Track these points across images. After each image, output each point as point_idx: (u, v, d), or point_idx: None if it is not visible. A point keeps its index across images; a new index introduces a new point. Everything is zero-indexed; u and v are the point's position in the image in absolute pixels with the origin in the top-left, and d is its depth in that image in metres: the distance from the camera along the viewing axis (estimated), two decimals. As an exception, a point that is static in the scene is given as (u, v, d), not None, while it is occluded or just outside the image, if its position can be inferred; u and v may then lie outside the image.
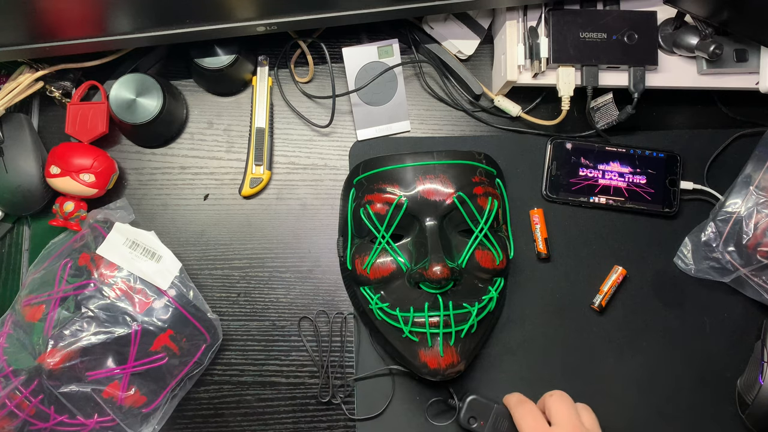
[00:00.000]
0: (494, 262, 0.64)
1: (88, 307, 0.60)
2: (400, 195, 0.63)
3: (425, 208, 0.63)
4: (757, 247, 0.66)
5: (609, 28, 0.67)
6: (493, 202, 0.64)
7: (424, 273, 0.60)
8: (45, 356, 0.58)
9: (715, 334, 0.70)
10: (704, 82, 0.69)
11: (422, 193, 0.63)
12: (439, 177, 0.63)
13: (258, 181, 0.71)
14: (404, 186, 0.63)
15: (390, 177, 0.64)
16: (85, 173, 0.66)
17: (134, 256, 0.63)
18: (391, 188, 0.63)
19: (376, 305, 0.64)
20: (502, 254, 0.65)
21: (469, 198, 0.63)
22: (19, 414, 0.59)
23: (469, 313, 0.62)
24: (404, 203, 0.63)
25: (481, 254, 0.64)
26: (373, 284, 0.65)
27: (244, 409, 0.68)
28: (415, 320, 0.61)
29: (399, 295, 0.63)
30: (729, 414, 0.68)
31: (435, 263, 0.59)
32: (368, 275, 0.64)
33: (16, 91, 0.67)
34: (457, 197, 0.63)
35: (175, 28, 0.62)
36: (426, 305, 0.61)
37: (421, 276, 0.61)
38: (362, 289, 0.65)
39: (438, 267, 0.59)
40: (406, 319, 0.61)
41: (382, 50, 0.71)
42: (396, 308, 0.62)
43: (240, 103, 0.73)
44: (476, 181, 0.64)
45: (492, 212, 0.64)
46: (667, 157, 0.72)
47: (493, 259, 0.64)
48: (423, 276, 0.60)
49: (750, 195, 0.67)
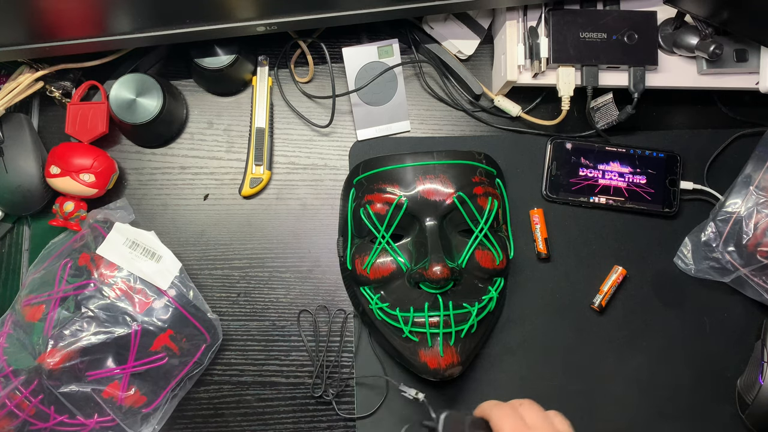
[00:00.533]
0: (494, 262, 0.64)
1: (88, 307, 0.60)
2: (400, 195, 0.63)
3: (425, 208, 0.63)
4: (757, 247, 0.66)
5: (609, 28, 0.67)
6: (493, 202, 0.64)
7: (424, 273, 0.60)
8: (45, 356, 0.58)
9: (715, 334, 0.70)
10: (704, 82, 0.69)
11: (422, 193, 0.63)
12: (439, 177, 0.63)
13: (258, 181, 0.71)
14: (404, 186, 0.63)
15: (390, 177, 0.64)
16: (85, 173, 0.66)
17: (134, 256, 0.63)
18: (391, 188, 0.63)
19: (376, 305, 0.64)
20: (502, 254, 0.65)
21: (469, 198, 0.63)
22: (19, 414, 0.59)
23: (469, 313, 0.62)
24: (404, 203, 0.63)
25: (481, 254, 0.64)
26: (373, 284, 0.65)
27: (244, 409, 0.68)
28: (415, 320, 0.61)
29: (399, 295, 0.63)
30: (729, 414, 0.68)
31: (435, 263, 0.60)
32: (368, 275, 0.64)
33: (16, 91, 0.67)
34: (457, 197, 0.63)
35: (175, 28, 0.62)
36: (426, 305, 0.61)
37: (421, 276, 0.61)
38: (362, 289, 0.65)
39: (438, 267, 0.59)
40: (406, 319, 0.61)
41: (382, 50, 0.71)
42: (396, 308, 0.62)
43: (240, 103, 0.73)
44: (476, 181, 0.64)
45: (492, 212, 0.64)
46: (667, 157, 0.72)
47: (493, 259, 0.64)
48: (423, 276, 0.60)
49: (750, 195, 0.67)
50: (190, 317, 0.63)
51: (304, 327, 0.69)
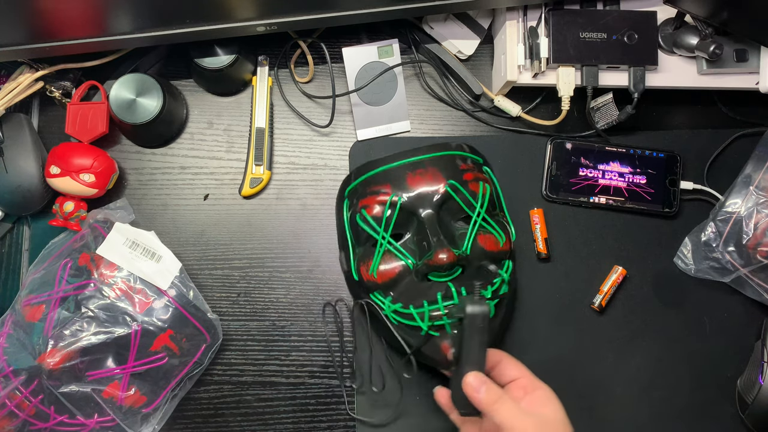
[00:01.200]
0: (498, 245, 0.64)
1: (88, 307, 0.60)
2: (393, 194, 0.63)
3: (420, 202, 0.63)
4: (757, 247, 0.66)
5: (609, 28, 0.67)
6: (485, 186, 0.64)
7: (429, 263, 0.60)
8: (45, 356, 0.58)
9: (715, 334, 0.70)
10: (704, 82, 0.69)
11: (414, 188, 0.63)
12: (429, 170, 0.63)
13: (258, 181, 0.71)
14: (396, 184, 0.63)
15: (381, 179, 0.64)
16: (85, 173, 0.66)
17: (134, 256, 0.63)
18: (383, 189, 0.63)
19: (389, 308, 0.63)
20: (504, 236, 0.65)
21: (461, 185, 0.63)
22: (19, 414, 0.59)
23: (483, 298, 0.60)
24: (398, 200, 0.63)
25: (484, 238, 0.63)
26: (382, 288, 0.64)
27: (244, 409, 0.68)
28: (432, 313, 0.60)
29: (410, 293, 0.62)
30: (729, 414, 0.68)
31: (439, 249, 0.59)
32: (375, 279, 0.64)
33: (16, 91, 0.67)
34: (449, 185, 0.62)
35: (175, 28, 0.62)
36: (439, 295, 0.60)
37: (427, 266, 0.60)
38: (372, 296, 0.64)
39: (442, 252, 0.59)
40: (421, 315, 0.61)
41: (382, 50, 0.71)
42: (409, 306, 0.62)
43: (240, 103, 0.73)
44: (464, 168, 0.64)
45: (486, 196, 0.64)
46: (667, 157, 0.72)
47: (496, 242, 0.64)
48: (429, 266, 0.60)
49: (750, 195, 0.67)
50: (190, 317, 0.63)
51: (315, 322, 0.69)
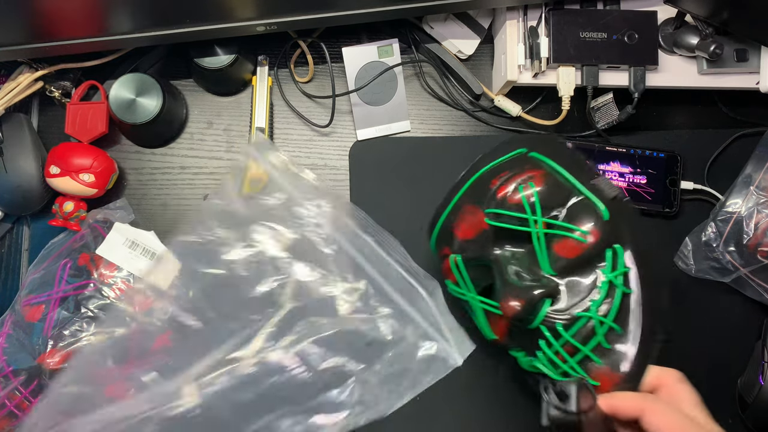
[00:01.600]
0: (580, 244, 0.49)
1: (87, 307, 0.60)
2: (452, 255, 0.54)
3: (476, 250, 0.53)
4: (757, 247, 0.66)
5: (609, 28, 0.67)
6: (528, 187, 0.51)
7: (501, 310, 0.49)
8: (45, 356, 0.58)
9: (715, 334, 0.70)
10: (704, 82, 0.69)
11: (464, 239, 0.54)
12: (466, 209, 0.54)
13: (258, 181, 0.71)
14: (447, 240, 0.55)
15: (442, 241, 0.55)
16: (84, 173, 0.66)
17: (134, 256, 0.63)
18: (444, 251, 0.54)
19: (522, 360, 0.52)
20: (586, 223, 0.49)
21: (498, 207, 0.51)
22: (19, 414, 0.59)
23: (590, 322, 0.48)
24: (458, 258, 0.53)
25: (560, 246, 0.50)
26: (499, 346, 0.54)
27: (244, 409, 0.68)
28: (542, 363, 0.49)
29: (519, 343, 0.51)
30: (729, 414, 0.68)
31: (507, 295, 0.48)
32: (497, 340, 0.53)
33: (15, 91, 0.67)
34: (489, 217, 0.51)
35: (175, 28, 0.62)
36: (542, 343, 0.48)
37: (507, 319, 0.49)
38: (510, 352, 0.54)
39: (508, 300, 0.48)
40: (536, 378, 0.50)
41: (382, 50, 0.71)
42: (525, 364, 0.51)
43: (240, 103, 0.73)
44: (496, 183, 0.53)
45: (534, 198, 0.51)
46: (667, 157, 0.71)
47: (575, 243, 0.49)
48: (509, 319, 0.49)
49: (750, 195, 0.67)
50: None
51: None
